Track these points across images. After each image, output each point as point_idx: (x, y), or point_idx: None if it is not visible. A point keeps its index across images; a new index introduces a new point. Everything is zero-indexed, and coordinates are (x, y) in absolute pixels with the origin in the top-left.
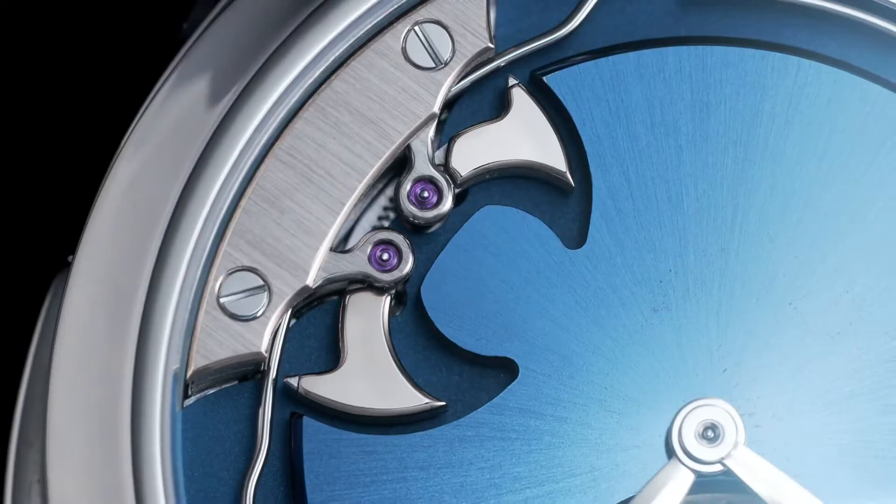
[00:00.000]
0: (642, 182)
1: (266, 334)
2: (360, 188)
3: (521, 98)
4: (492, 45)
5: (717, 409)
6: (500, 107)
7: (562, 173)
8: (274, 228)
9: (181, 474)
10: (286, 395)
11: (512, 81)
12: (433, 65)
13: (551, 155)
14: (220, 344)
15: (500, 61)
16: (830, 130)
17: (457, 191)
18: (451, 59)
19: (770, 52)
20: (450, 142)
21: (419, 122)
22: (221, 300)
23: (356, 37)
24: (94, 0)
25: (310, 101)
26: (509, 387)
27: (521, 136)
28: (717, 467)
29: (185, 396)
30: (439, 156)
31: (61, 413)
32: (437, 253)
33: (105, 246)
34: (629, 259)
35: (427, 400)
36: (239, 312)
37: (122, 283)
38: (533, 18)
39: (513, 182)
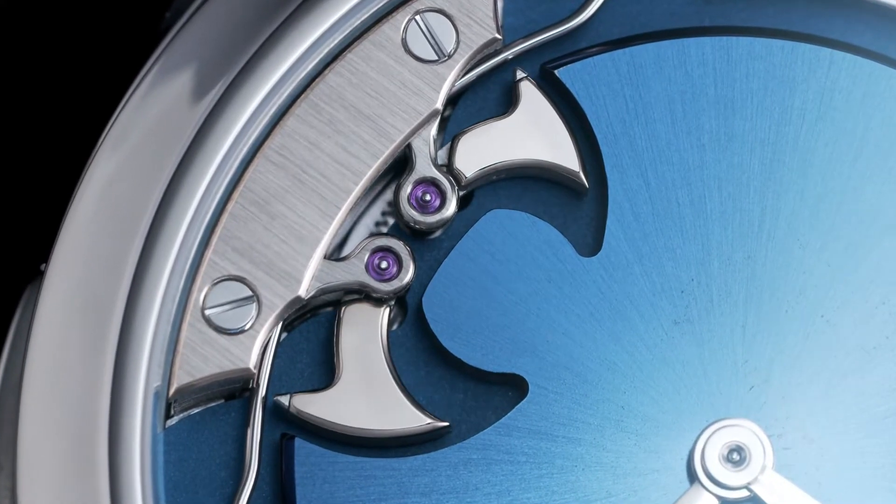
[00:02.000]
0: (662, 184)
1: (255, 349)
2: (357, 191)
3: (529, 92)
4: (499, 36)
5: (743, 430)
6: (508, 102)
7: (574, 173)
8: (263, 234)
9: (163, 500)
10: (276, 415)
11: (520, 74)
12: (436, 57)
13: (563, 154)
14: (204, 359)
15: (508, 53)
16: (865, 128)
17: (461, 193)
18: (455, 50)
19: (800, 44)
20: (453, 140)
21: (420, 119)
22: (206, 312)
23: (352, 27)
24: None
25: (302, 96)
26: (518, 406)
27: (531, 134)
28: (744, 493)
29: (168, 416)
30: (442, 155)
31: (33, 434)
32: (439, 261)
33: (80, 253)
34: (648, 267)
35: (429, 420)
36: (225, 325)
37: (99, 294)
38: (544, 7)
39: (522, 184)
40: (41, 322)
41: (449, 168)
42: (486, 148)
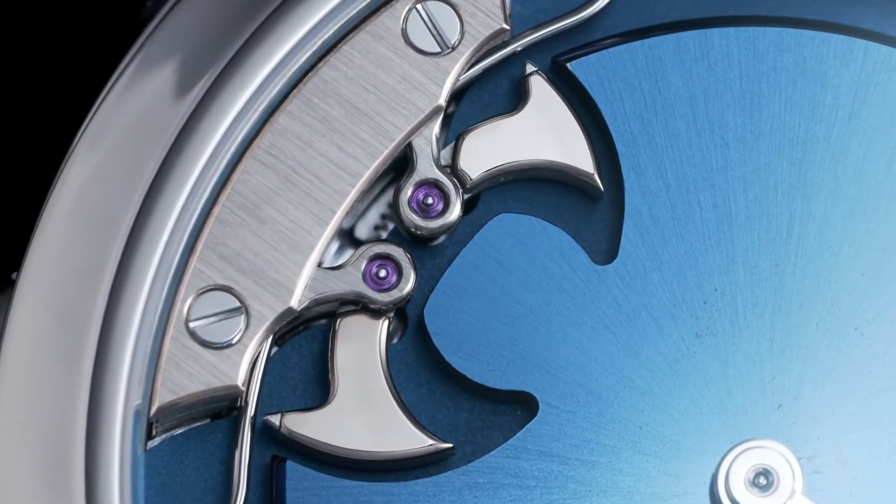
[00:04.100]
0: (683, 186)
1: (243, 364)
2: (354, 194)
3: (540, 87)
4: (507, 27)
5: (770, 452)
6: (517, 98)
7: (589, 175)
8: (252, 241)
9: None
10: (266, 436)
11: (530, 68)
12: (438, 49)
13: (576, 154)
14: (189, 376)
15: (517, 45)
16: None
17: (466, 196)
18: (460, 42)
19: (832, 35)
20: (457, 139)
21: (422, 116)
22: (191, 325)
23: (348, 17)
24: None
25: (294, 91)
26: (527, 426)
27: (541, 133)
28: None
29: (149, 437)
30: (445, 155)
31: (4, 457)
32: (442, 269)
33: (55, 261)
34: (667, 276)
35: (432, 441)
36: (211, 339)
37: (75, 305)
38: None
39: (531, 186)
40: (12, 335)
41: (453, 169)
42: (493, 147)
